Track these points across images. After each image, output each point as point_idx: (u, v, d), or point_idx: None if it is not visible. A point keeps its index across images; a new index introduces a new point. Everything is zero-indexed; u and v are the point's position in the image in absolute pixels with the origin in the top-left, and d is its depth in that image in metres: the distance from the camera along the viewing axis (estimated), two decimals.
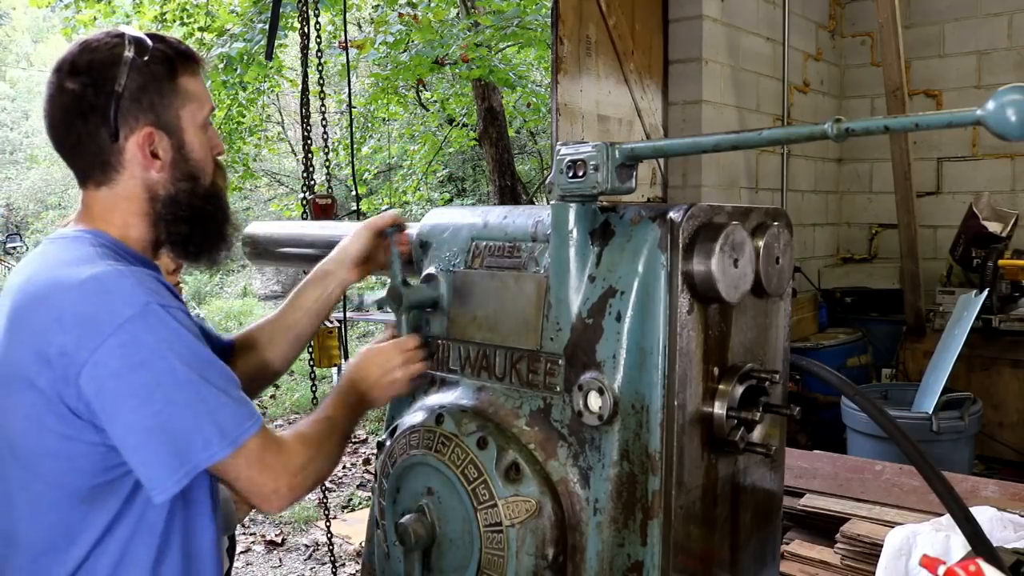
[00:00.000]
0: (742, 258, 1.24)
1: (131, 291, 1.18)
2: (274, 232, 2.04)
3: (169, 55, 1.31)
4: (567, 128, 4.16)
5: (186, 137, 1.33)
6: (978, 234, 5.06)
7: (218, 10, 8.20)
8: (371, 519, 1.58)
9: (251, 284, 17.63)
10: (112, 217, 1.32)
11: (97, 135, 1.28)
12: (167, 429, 1.16)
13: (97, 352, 1.13)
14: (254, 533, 5.17)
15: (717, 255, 1.20)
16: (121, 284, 1.19)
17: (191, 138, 1.33)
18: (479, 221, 1.50)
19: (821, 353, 5.16)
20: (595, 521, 1.26)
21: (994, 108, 0.91)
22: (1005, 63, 5.66)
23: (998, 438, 5.04)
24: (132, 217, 1.33)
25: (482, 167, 12.37)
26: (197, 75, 1.36)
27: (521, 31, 7.15)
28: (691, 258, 1.21)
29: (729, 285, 1.22)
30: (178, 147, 1.32)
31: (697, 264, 1.21)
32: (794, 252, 1.40)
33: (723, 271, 1.20)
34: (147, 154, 1.30)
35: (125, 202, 1.32)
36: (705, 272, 1.20)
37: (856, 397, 1.56)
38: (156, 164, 1.31)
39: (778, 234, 1.34)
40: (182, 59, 1.33)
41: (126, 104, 1.27)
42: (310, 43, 3.53)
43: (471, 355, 1.45)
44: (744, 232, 1.26)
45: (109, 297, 1.17)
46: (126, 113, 1.27)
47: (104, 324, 1.14)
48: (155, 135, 1.30)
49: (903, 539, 1.84)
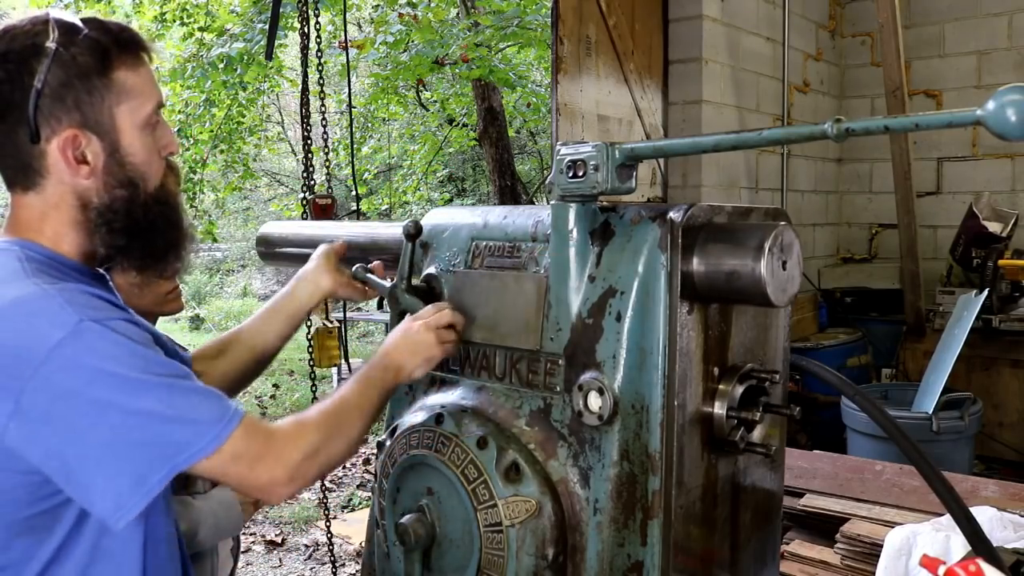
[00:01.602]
0: (790, 260, 1.20)
1: (58, 312, 1.06)
2: (289, 232, 2.00)
3: (102, 44, 1.14)
4: (567, 128, 4.16)
5: (122, 139, 1.17)
6: (978, 234, 5.06)
7: (218, 10, 8.20)
8: (371, 519, 1.58)
9: (251, 284, 17.63)
10: (42, 226, 1.18)
11: (15, 135, 1.13)
12: (126, 446, 1.06)
13: (31, 382, 1.03)
14: (254, 533, 5.17)
15: (766, 257, 1.15)
16: (47, 306, 1.07)
17: (129, 140, 1.18)
18: (479, 221, 1.50)
19: (821, 353, 5.16)
20: (595, 521, 1.26)
21: (994, 108, 0.91)
22: (1005, 63, 5.66)
23: (998, 438, 5.04)
24: (63, 227, 1.18)
25: (482, 167, 12.37)
26: (138, 66, 1.18)
27: (521, 31, 7.14)
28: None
29: (777, 288, 1.17)
30: (111, 151, 1.17)
31: (741, 265, 1.16)
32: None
33: (772, 273, 1.16)
34: (71, 159, 1.15)
35: (54, 210, 1.17)
36: (751, 274, 1.15)
37: (856, 397, 1.56)
38: (83, 170, 1.16)
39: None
40: (120, 48, 1.16)
41: (46, 102, 1.12)
42: (310, 43, 3.53)
43: (471, 355, 1.45)
44: (792, 233, 1.21)
45: (35, 321, 1.06)
46: (47, 112, 1.12)
47: (35, 352, 1.04)
48: (81, 137, 1.15)
49: (903, 539, 1.83)
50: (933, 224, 5.87)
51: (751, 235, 1.19)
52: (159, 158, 1.23)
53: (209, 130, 8.65)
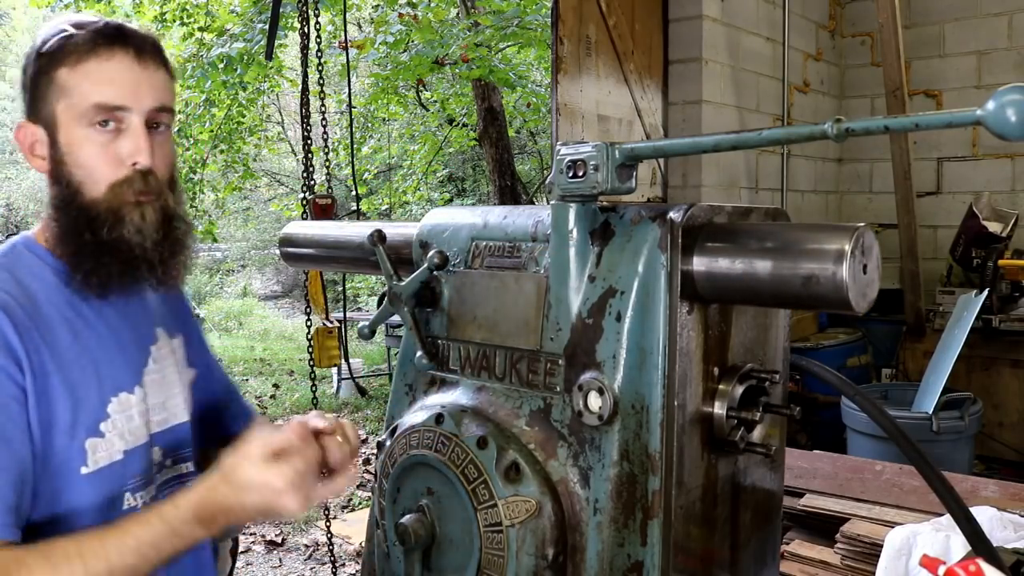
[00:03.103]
0: (871, 263, 1.13)
1: None
2: (313, 233, 1.91)
3: (58, 44, 1.16)
4: (567, 128, 4.16)
5: (59, 136, 1.16)
6: (978, 234, 5.06)
7: (218, 10, 8.21)
8: (371, 519, 1.58)
9: (251, 284, 17.64)
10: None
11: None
12: None
13: None
14: (254, 533, 5.17)
15: (848, 260, 1.08)
16: None
17: (67, 138, 1.16)
18: (479, 221, 1.50)
19: (821, 353, 5.16)
20: (595, 521, 1.26)
21: (994, 108, 0.91)
22: (1005, 63, 5.66)
23: (998, 438, 5.04)
24: (46, 216, 1.22)
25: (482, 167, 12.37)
26: (77, 64, 1.15)
27: (521, 31, 7.15)
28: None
29: (858, 293, 1.10)
30: (52, 145, 1.17)
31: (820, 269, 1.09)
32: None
33: (854, 277, 1.08)
34: (27, 148, 1.20)
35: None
36: (832, 278, 1.08)
37: (856, 397, 1.56)
38: (36, 162, 1.20)
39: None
40: (68, 48, 1.16)
41: (26, 96, 1.19)
42: (310, 43, 3.54)
43: (471, 355, 1.45)
44: (872, 235, 1.14)
45: None
46: (25, 105, 1.19)
47: None
48: (29, 129, 1.18)
49: (903, 539, 1.84)
50: (933, 224, 5.88)
51: (831, 236, 1.11)
52: (117, 164, 1.17)
53: (209, 130, 8.67)
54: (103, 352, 1.20)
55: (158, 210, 1.19)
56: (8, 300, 1.10)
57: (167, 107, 1.21)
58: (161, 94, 1.19)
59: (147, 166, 1.17)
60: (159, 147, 1.20)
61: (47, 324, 1.13)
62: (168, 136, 1.23)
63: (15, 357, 1.08)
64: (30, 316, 1.12)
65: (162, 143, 1.21)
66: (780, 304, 1.30)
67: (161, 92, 1.19)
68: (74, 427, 1.12)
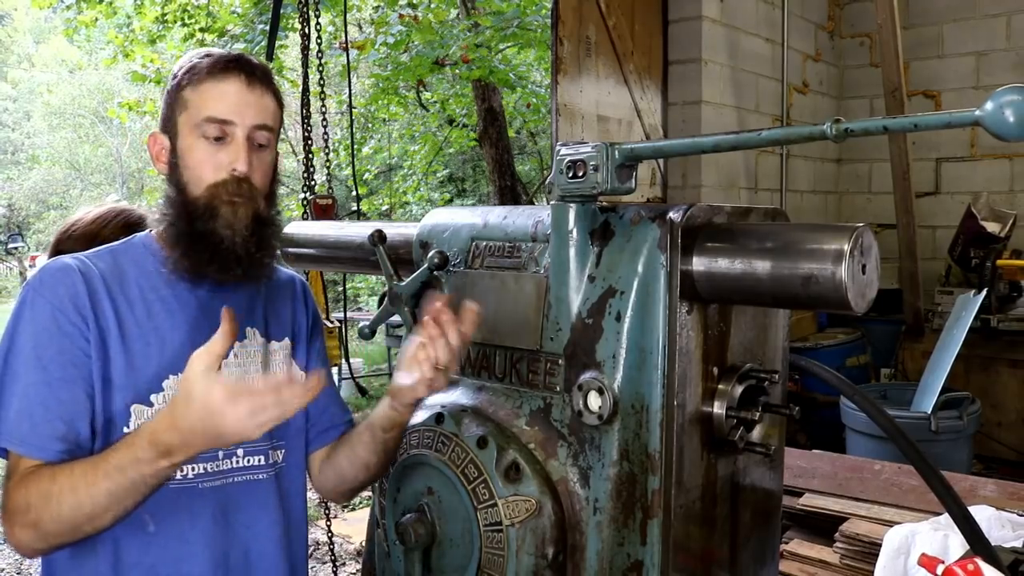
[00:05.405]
0: (870, 263, 1.14)
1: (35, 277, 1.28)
2: (313, 233, 1.92)
3: (188, 69, 1.35)
4: (567, 128, 4.16)
5: (178, 143, 1.35)
6: (977, 234, 5.07)
7: (219, 11, 8.20)
8: (371, 518, 1.58)
9: None
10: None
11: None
12: None
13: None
14: None
15: (847, 260, 1.09)
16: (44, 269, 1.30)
17: (183, 145, 1.34)
18: (479, 221, 1.50)
19: (820, 353, 5.17)
20: (595, 520, 1.27)
21: (992, 109, 0.92)
22: (1004, 64, 5.67)
23: (996, 438, 5.05)
24: (159, 213, 1.38)
25: (482, 167, 12.37)
26: (199, 85, 1.34)
27: (521, 32, 7.16)
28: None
29: (857, 293, 1.11)
30: (172, 151, 1.36)
31: (819, 269, 1.09)
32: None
33: (853, 277, 1.09)
34: (154, 154, 1.40)
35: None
36: (831, 278, 1.08)
37: (855, 397, 1.57)
38: (159, 165, 1.39)
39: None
40: (194, 72, 1.35)
41: (161, 112, 1.40)
42: (310, 44, 3.54)
43: (471, 355, 1.45)
44: (871, 235, 1.15)
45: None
46: (160, 120, 1.40)
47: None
48: (159, 139, 1.38)
49: (902, 538, 1.84)
50: (932, 224, 5.88)
51: (830, 237, 1.11)
52: (218, 169, 1.32)
53: None
54: (175, 334, 1.33)
55: (250, 211, 1.33)
56: (91, 270, 1.30)
57: (269, 126, 1.35)
58: (264, 114, 1.34)
59: (243, 173, 1.32)
60: (258, 160, 1.34)
61: (128, 300, 1.32)
62: (269, 153, 1.37)
63: (83, 315, 1.26)
64: (110, 288, 1.30)
65: (262, 157, 1.35)
66: (779, 304, 1.31)
67: (264, 113, 1.34)
68: (124, 389, 1.28)
